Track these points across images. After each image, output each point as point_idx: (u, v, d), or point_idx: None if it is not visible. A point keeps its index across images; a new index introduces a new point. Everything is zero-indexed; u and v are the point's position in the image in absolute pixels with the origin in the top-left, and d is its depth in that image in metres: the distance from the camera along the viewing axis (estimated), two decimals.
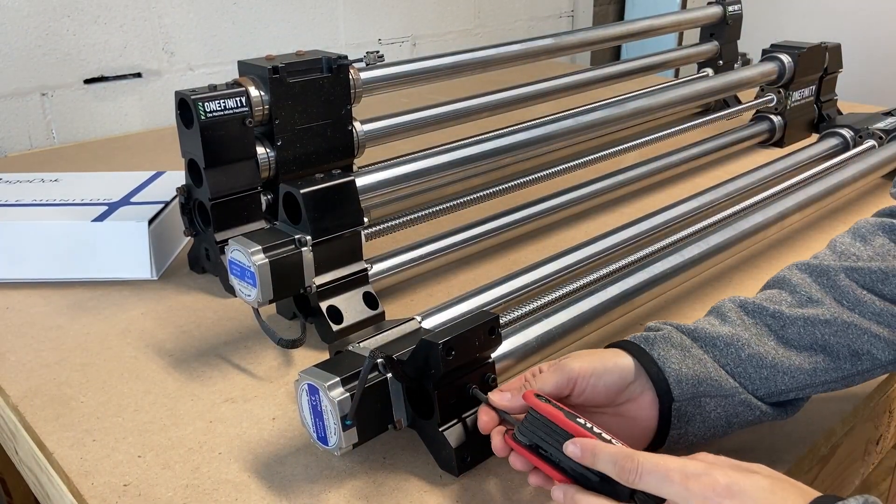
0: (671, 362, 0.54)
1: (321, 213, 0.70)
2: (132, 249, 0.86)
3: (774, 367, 0.55)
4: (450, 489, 0.55)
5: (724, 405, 0.55)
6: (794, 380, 0.55)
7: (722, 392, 0.55)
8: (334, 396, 0.52)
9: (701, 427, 0.55)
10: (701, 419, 0.55)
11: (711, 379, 0.55)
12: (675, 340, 0.56)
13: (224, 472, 0.57)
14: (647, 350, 0.55)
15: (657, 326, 0.59)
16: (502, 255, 0.93)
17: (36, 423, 0.63)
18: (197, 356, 0.73)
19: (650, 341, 0.56)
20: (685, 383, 0.54)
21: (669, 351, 0.55)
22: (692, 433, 0.55)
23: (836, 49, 1.34)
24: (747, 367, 0.55)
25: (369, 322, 0.73)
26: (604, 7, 2.55)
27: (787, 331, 0.57)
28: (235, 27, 1.63)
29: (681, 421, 0.54)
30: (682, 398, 0.54)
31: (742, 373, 0.55)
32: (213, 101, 0.77)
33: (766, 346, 0.56)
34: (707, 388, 0.54)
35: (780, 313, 0.58)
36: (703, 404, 0.55)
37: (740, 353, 0.56)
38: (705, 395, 0.54)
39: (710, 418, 0.55)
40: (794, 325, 0.57)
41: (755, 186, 1.03)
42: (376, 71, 0.95)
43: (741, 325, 0.58)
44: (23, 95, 1.40)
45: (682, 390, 0.54)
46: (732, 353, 0.56)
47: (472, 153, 0.89)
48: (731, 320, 0.58)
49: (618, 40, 1.36)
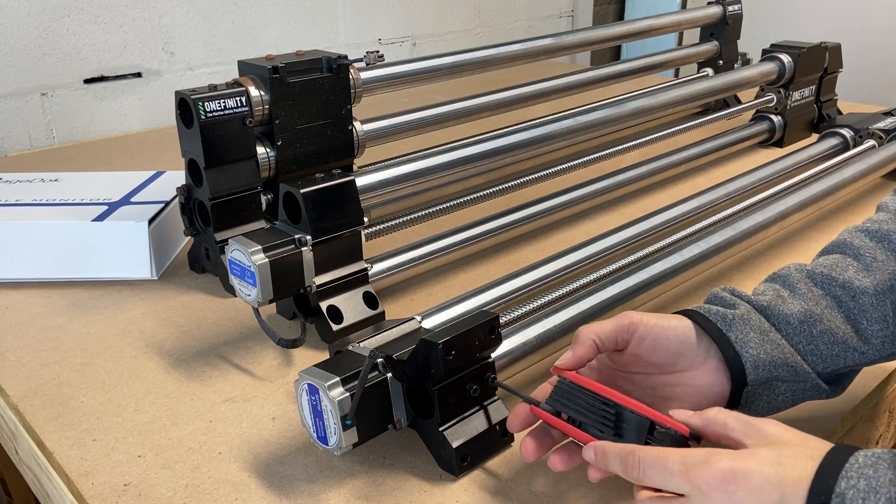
0: (749, 346, 0.53)
1: (321, 212, 0.70)
2: (132, 249, 0.86)
3: (845, 344, 0.54)
4: (450, 489, 0.55)
5: (794, 389, 0.54)
6: (863, 356, 0.55)
7: (795, 377, 0.54)
8: (334, 396, 0.52)
9: (765, 407, 0.54)
10: (767, 400, 0.54)
11: (787, 365, 0.53)
12: (754, 322, 0.54)
13: (224, 472, 0.57)
14: (725, 330, 0.53)
15: (731, 301, 0.57)
16: (502, 255, 0.93)
17: (36, 423, 0.63)
18: (197, 356, 0.73)
19: (728, 320, 0.54)
20: (762, 369, 0.52)
21: (749, 334, 0.53)
22: (754, 411, 0.54)
23: (836, 49, 1.34)
24: (819, 345, 0.54)
25: (369, 322, 0.73)
26: (604, 7, 2.55)
27: (858, 301, 0.55)
28: (235, 27, 1.63)
29: (748, 401, 0.53)
30: (756, 382, 0.53)
31: (814, 350, 0.54)
32: (213, 101, 0.77)
33: (836, 320, 0.55)
34: (781, 373, 0.53)
35: (850, 283, 0.56)
36: (773, 387, 0.54)
37: (812, 330, 0.54)
38: (779, 378, 0.53)
39: (778, 400, 0.54)
40: (866, 296, 0.55)
41: (755, 186, 1.03)
42: (376, 71, 0.95)
43: (812, 299, 0.56)
44: (23, 95, 1.40)
45: (758, 375, 0.52)
46: (805, 331, 0.54)
47: (472, 153, 0.89)
48: (802, 293, 0.56)
49: (618, 40, 1.36)
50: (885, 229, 0.59)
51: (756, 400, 0.54)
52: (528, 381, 0.67)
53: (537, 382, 0.67)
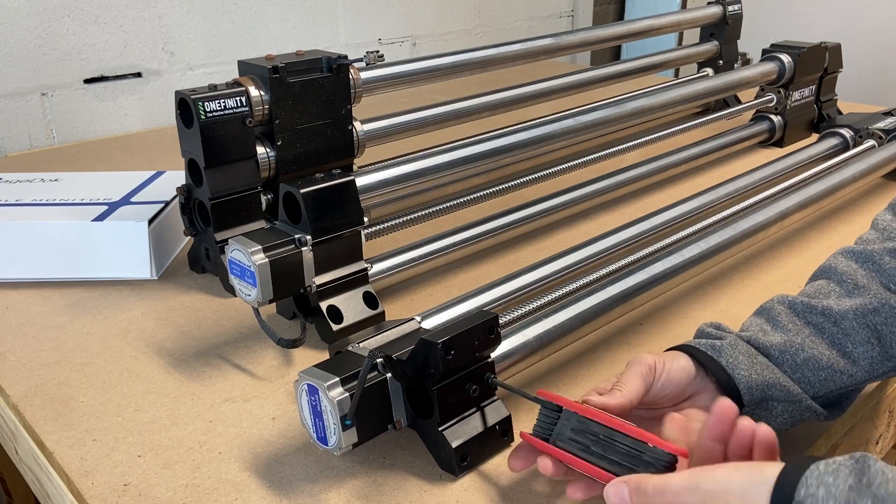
0: (740, 368, 0.54)
1: (321, 212, 0.70)
2: (132, 249, 0.86)
3: (831, 368, 0.55)
4: (450, 489, 0.55)
5: (790, 410, 0.55)
6: (852, 378, 0.56)
7: (789, 397, 0.55)
8: (334, 396, 0.52)
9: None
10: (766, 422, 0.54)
11: (780, 384, 0.55)
12: (741, 348, 0.56)
13: (224, 472, 0.57)
14: (715, 357, 0.55)
15: (717, 334, 0.59)
16: (502, 255, 0.93)
17: (36, 423, 0.63)
18: (197, 356, 0.73)
19: (717, 348, 0.56)
20: (755, 388, 0.54)
21: (738, 357, 0.55)
22: None
23: (836, 49, 1.34)
24: (805, 372, 0.55)
25: (369, 322, 0.73)
26: (604, 7, 2.55)
27: (840, 326, 0.57)
28: (235, 27, 1.63)
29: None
30: (752, 403, 0.54)
31: (801, 377, 0.55)
32: (213, 101, 0.77)
33: (819, 347, 0.56)
34: (775, 393, 0.54)
35: (830, 309, 0.57)
36: (770, 408, 0.55)
37: (796, 359, 0.56)
38: (773, 398, 0.55)
39: (777, 422, 0.55)
40: (846, 320, 0.57)
41: (755, 186, 1.03)
42: (376, 71, 0.95)
43: (793, 329, 0.57)
44: (23, 95, 1.40)
45: (752, 395, 0.54)
46: (788, 360, 0.56)
47: (472, 153, 0.89)
48: (782, 324, 0.58)
49: (618, 40, 1.36)
50: (870, 250, 0.60)
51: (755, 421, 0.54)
52: (528, 382, 0.67)
53: (537, 382, 0.67)
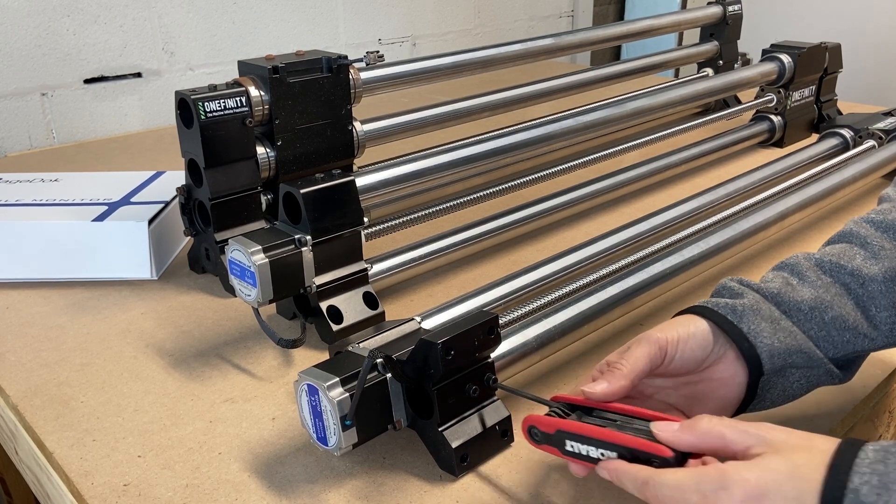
0: (763, 336, 0.53)
1: (321, 213, 0.70)
2: (132, 249, 0.86)
3: (855, 330, 0.55)
4: (449, 489, 0.55)
5: (807, 376, 0.54)
6: (872, 342, 0.55)
7: (809, 363, 0.54)
8: (334, 397, 0.52)
9: (780, 395, 0.54)
10: (781, 388, 0.54)
11: (801, 351, 0.54)
12: (765, 312, 0.55)
13: (224, 472, 0.57)
14: (736, 323, 0.54)
15: (738, 290, 0.57)
16: (502, 255, 0.93)
17: (36, 423, 0.63)
18: (197, 356, 0.73)
19: (738, 312, 0.54)
20: (777, 357, 0.53)
21: (760, 324, 0.54)
22: (769, 401, 0.54)
23: (836, 49, 1.34)
24: (830, 331, 0.55)
25: (369, 322, 0.73)
26: (604, 7, 2.55)
27: (867, 288, 0.56)
28: (235, 27, 1.63)
29: (763, 390, 0.54)
30: (772, 371, 0.53)
31: (825, 336, 0.55)
32: (213, 101, 0.77)
33: (846, 307, 0.56)
34: (796, 360, 0.54)
35: (859, 271, 0.57)
36: (787, 374, 0.54)
37: (824, 317, 0.55)
38: (793, 366, 0.54)
39: (793, 388, 0.54)
40: (874, 283, 0.56)
41: (755, 186, 1.03)
42: (376, 71, 0.95)
43: (822, 286, 0.56)
44: (23, 95, 1.40)
45: (773, 364, 0.53)
46: (817, 317, 0.55)
47: (472, 153, 0.89)
48: (811, 280, 0.57)
49: (618, 40, 1.36)
50: (891, 219, 0.60)
51: (771, 388, 0.54)
52: (528, 382, 0.67)
53: (537, 382, 0.67)
